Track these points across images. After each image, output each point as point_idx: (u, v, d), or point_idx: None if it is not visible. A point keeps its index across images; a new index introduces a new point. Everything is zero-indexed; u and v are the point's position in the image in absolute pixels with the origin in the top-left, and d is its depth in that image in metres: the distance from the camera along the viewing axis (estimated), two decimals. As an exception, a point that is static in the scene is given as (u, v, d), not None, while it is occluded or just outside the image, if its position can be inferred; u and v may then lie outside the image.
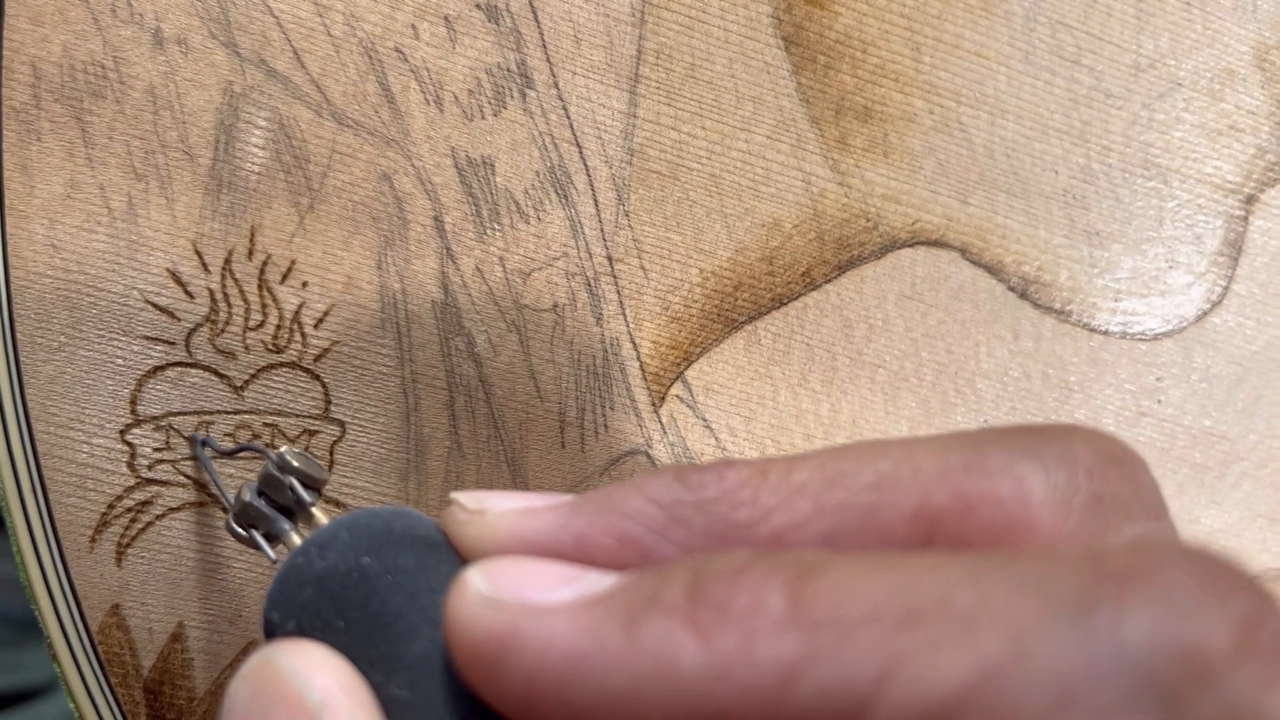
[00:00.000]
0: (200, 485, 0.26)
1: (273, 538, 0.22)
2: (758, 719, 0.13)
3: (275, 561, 0.22)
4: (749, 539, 0.16)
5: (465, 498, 0.17)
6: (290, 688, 0.16)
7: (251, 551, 0.27)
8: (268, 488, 0.22)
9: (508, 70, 0.27)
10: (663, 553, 0.16)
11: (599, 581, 0.15)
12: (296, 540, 0.21)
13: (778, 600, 0.14)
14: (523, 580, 0.16)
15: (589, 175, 0.28)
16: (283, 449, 0.22)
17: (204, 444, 0.25)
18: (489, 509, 0.17)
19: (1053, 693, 0.12)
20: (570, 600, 0.15)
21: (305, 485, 0.22)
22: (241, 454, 0.26)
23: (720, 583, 0.14)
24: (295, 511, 0.22)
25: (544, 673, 0.15)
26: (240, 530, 0.22)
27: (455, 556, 0.18)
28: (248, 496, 0.22)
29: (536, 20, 0.27)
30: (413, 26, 0.27)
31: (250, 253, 0.26)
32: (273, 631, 0.18)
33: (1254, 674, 0.12)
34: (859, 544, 0.16)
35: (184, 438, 0.26)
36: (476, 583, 0.16)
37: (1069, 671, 0.12)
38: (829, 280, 0.30)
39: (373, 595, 0.17)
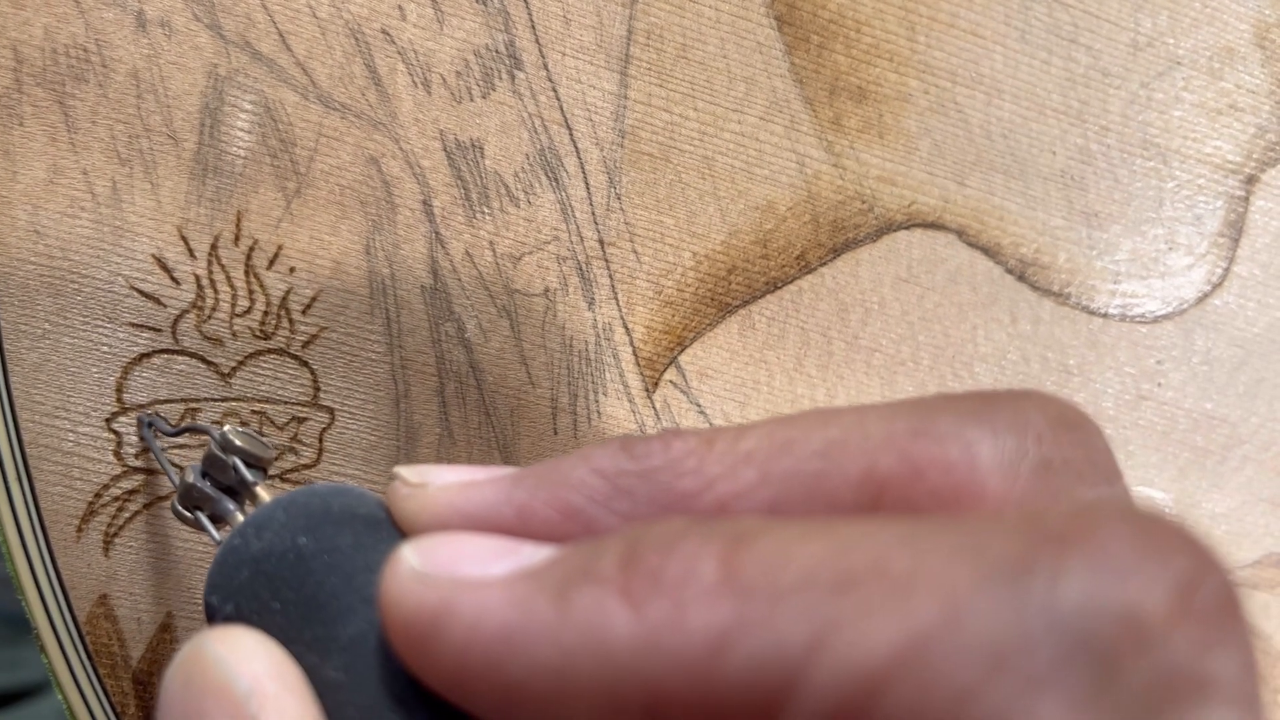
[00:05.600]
0: (147, 468, 0.26)
1: (218, 519, 0.22)
2: (689, 691, 0.13)
3: (219, 543, 0.21)
4: (693, 508, 0.15)
5: (408, 471, 0.17)
6: (218, 677, 0.16)
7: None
8: (212, 468, 0.22)
9: (496, 52, 0.27)
10: (606, 524, 0.16)
11: (535, 554, 0.15)
12: (240, 521, 0.21)
13: (710, 568, 0.13)
14: (457, 554, 0.15)
15: (579, 158, 0.28)
16: (225, 428, 0.22)
17: (150, 425, 0.25)
18: (430, 482, 0.17)
19: (984, 658, 0.12)
20: (504, 574, 0.15)
21: (249, 464, 0.21)
22: (188, 434, 0.25)
23: (654, 551, 0.14)
24: (240, 492, 0.21)
25: (474, 647, 0.14)
26: (185, 512, 0.22)
27: (397, 534, 0.17)
28: (191, 478, 0.22)
29: (525, 0, 0.27)
30: (399, 7, 0.26)
31: (237, 238, 0.26)
32: (212, 615, 0.17)
33: (1191, 636, 0.12)
34: (805, 512, 0.15)
35: (137, 419, 0.25)
36: (409, 559, 0.15)
37: (1001, 636, 0.12)
38: (824, 263, 0.30)
39: (308, 576, 0.16)
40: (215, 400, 0.26)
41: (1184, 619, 0.12)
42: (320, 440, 0.27)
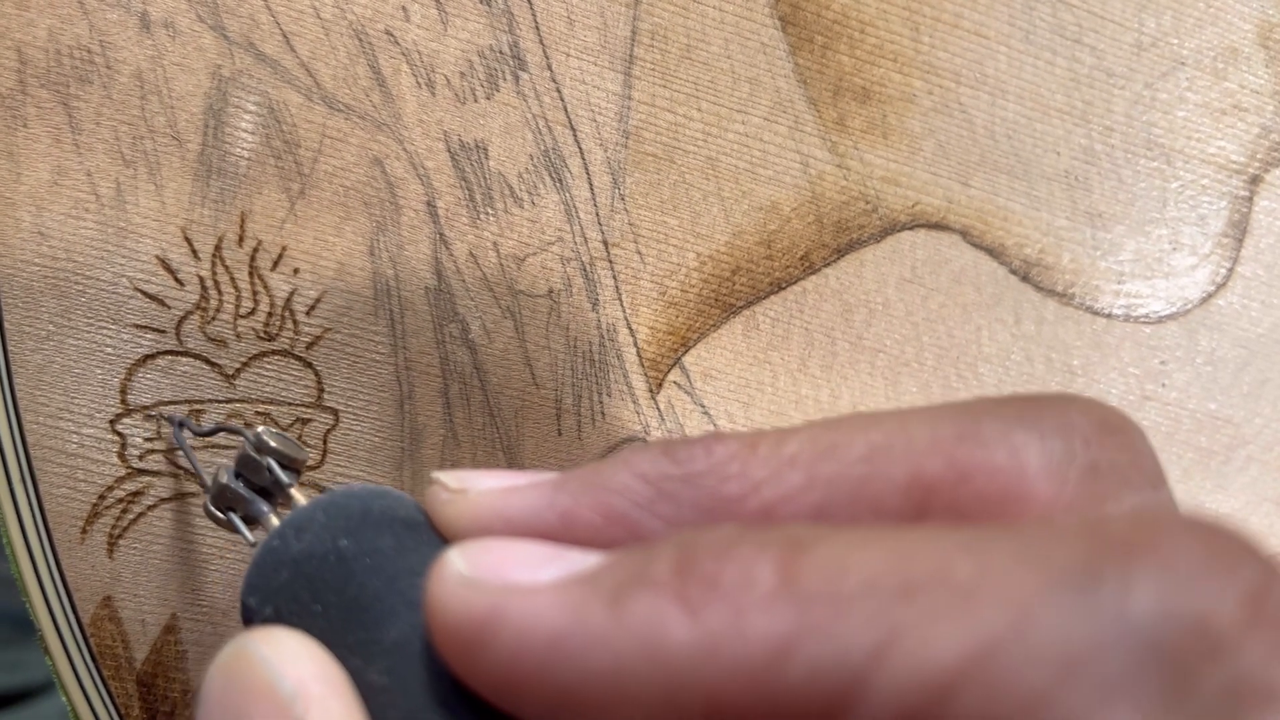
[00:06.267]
0: (180, 469, 0.26)
1: (251, 520, 0.22)
2: (750, 698, 0.13)
3: (253, 544, 0.21)
4: (738, 513, 0.15)
5: (447, 477, 0.17)
6: (262, 678, 0.16)
7: (238, 538, 0.26)
8: (245, 469, 0.22)
9: (500, 52, 0.27)
10: (650, 528, 0.16)
11: (584, 560, 0.15)
12: (275, 522, 0.21)
13: (769, 574, 0.13)
14: (505, 560, 0.15)
15: (584, 159, 0.28)
16: (260, 429, 0.22)
17: (181, 425, 0.25)
18: (471, 488, 0.17)
19: (1056, 665, 0.12)
20: (554, 579, 0.15)
21: (284, 466, 0.21)
22: (220, 434, 0.25)
23: (709, 557, 0.14)
24: (273, 493, 0.21)
25: (526, 654, 0.14)
26: (218, 513, 0.22)
27: (436, 538, 0.17)
28: (225, 478, 0.22)
29: (529, 1, 0.27)
30: (403, 8, 0.26)
31: (241, 239, 0.26)
32: (250, 617, 0.17)
33: (1263, 644, 0.12)
34: (850, 516, 0.15)
35: (163, 418, 0.25)
36: (457, 563, 0.15)
37: (1073, 643, 0.12)
38: (828, 264, 0.30)
39: (350, 578, 0.16)
40: (219, 402, 0.26)
41: (1255, 627, 0.12)
42: (325, 442, 0.27)
